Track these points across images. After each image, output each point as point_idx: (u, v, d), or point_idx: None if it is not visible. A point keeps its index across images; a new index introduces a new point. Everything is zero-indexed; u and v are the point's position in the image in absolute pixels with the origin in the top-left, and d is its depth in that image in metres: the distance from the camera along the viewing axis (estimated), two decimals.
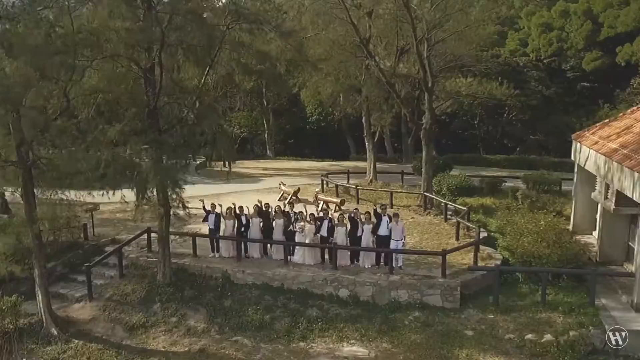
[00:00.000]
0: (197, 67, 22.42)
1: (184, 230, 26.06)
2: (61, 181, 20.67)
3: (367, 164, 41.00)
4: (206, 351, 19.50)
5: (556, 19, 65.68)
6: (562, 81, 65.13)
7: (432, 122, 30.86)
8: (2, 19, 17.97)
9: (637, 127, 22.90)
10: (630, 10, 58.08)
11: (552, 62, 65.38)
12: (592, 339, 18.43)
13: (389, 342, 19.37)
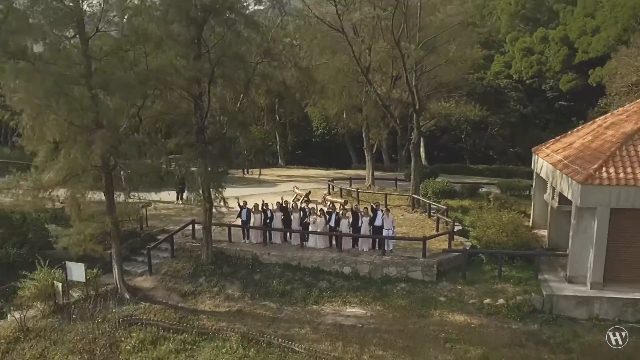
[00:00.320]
0: (234, 94, 27.93)
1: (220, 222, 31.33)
2: (130, 183, 26.32)
3: (366, 172, 46.31)
4: (242, 311, 24.69)
5: (536, 44, 70.87)
6: (542, 100, 70.31)
7: (419, 137, 36.32)
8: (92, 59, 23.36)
9: (577, 142, 28.24)
10: (600, 37, 63.14)
11: (533, 82, 70.54)
12: (533, 302, 23.75)
13: (381, 305, 24.60)
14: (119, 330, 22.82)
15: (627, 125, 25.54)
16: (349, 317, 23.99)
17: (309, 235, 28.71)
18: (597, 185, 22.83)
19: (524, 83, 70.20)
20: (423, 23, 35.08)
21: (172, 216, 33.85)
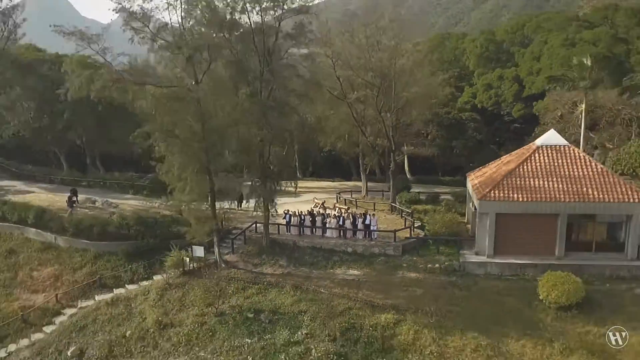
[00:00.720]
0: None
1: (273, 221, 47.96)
2: (224, 198, 43.13)
3: (362, 185, 63.11)
4: (289, 273, 41.22)
5: (495, 81, 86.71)
6: (500, 123, 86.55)
7: (395, 166, 53.31)
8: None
9: (487, 173, 44.92)
10: (540, 78, 79.27)
11: (493, 109, 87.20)
12: (454, 266, 40.27)
13: (369, 268, 41.20)
14: (222, 282, 39.77)
15: (511, 165, 42.21)
16: (351, 275, 40.56)
17: (326, 230, 45.42)
18: (488, 200, 39.58)
19: (486, 110, 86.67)
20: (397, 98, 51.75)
21: (237, 218, 50.48)
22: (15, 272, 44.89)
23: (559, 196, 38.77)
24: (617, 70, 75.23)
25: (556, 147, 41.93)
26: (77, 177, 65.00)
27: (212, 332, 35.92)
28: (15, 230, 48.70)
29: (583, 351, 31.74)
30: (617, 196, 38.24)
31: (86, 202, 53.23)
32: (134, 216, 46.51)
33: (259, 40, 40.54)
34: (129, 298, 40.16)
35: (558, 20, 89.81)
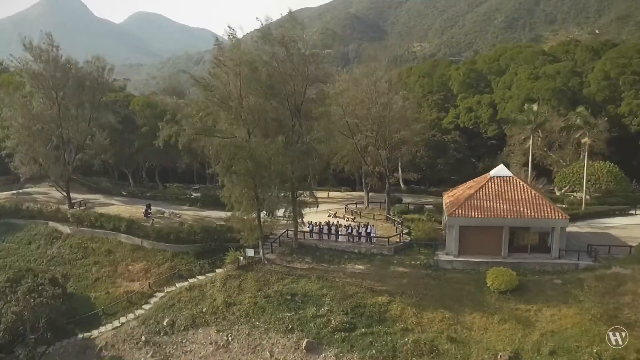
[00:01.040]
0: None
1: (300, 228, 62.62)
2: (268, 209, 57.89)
3: (365, 197, 77.83)
4: (313, 268, 55.82)
5: (474, 105, 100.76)
6: (479, 139, 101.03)
7: (389, 186, 68.13)
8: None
9: (456, 194, 59.63)
10: (510, 104, 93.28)
11: (473, 129, 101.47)
12: (430, 262, 54.84)
13: (370, 264, 55.90)
14: (267, 274, 54.61)
15: (471, 190, 56.84)
16: (357, 269, 55.23)
17: (338, 236, 60.19)
18: (454, 217, 54.29)
19: (467, 129, 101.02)
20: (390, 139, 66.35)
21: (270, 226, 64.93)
22: (115, 267, 59.91)
23: (504, 214, 53.38)
24: (572, 99, 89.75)
25: (503, 177, 56.56)
26: (143, 191, 79.86)
27: (262, 308, 50.80)
28: (110, 236, 63.58)
29: (513, 321, 46.39)
30: (544, 214, 52.89)
31: (157, 213, 68.12)
32: (199, 225, 61.52)
33: (291, 103, 55.26)
34: (201, 285, 55.02)
35: (527, 53, 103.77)
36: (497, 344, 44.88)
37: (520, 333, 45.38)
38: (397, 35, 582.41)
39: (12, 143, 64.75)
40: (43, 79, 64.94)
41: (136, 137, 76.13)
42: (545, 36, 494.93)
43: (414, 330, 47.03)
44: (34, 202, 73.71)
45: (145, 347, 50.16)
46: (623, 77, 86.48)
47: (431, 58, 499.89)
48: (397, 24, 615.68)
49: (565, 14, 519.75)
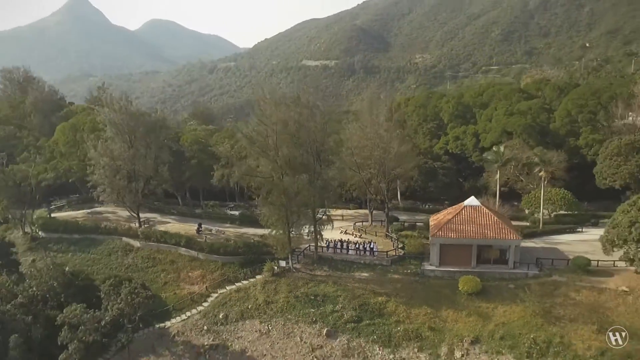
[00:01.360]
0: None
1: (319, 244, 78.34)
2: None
3: (369, 216, 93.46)
4: (330, 275, 71.50)
5: (461, 134, 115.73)
6: (466, 162, 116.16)
7: (388, 210, 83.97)
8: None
9: (439, 218, 75.37)
10: (490, 136, 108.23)
11: (460, 154, 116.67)
12: (418, 271, 70.71)
13: (372, 272, 71.50)
14: (295, 280, 70.51)
15: (449, 216, 72.42)
16: (363, 276, 70.88)
17: (349, 250, 76.00)
18: (436, 237, 70.03)
19: (455, 154, 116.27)
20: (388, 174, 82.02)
21: (297, 241, 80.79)
22: (178, 274, 75.94)
23: (473, 235, 69.01)
24: (541, 132, 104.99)
25: (473, 206, 72.16)
26: (190, 210, 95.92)
27: (293, 305, 66.64)
28: (172, 249, 79.54)
29: (476, 315, 62.03)
30: (503, 235, 68.49)
31: (205, 230, 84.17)
32: (241, 241, 77.56)
33: (312, 150, 71.20)
34: (246, 288, 70.88)
35: (506, 90, 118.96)
36: (463, 332, 60.69)
37: (480, 324, 61.16)
38: (400, 47, 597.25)
39: (97, 177, 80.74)
40: (121, 127, 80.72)
41: (187, 168, 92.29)
42: (539, 48, 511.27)
43: (404, 322, 62.90)
44: (106, 220, 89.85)
45: (207, 334, 66.11)
46: (581, 115, 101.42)
47: (432, 69, 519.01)
48: (400, 35, 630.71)
49: (558, 27, 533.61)
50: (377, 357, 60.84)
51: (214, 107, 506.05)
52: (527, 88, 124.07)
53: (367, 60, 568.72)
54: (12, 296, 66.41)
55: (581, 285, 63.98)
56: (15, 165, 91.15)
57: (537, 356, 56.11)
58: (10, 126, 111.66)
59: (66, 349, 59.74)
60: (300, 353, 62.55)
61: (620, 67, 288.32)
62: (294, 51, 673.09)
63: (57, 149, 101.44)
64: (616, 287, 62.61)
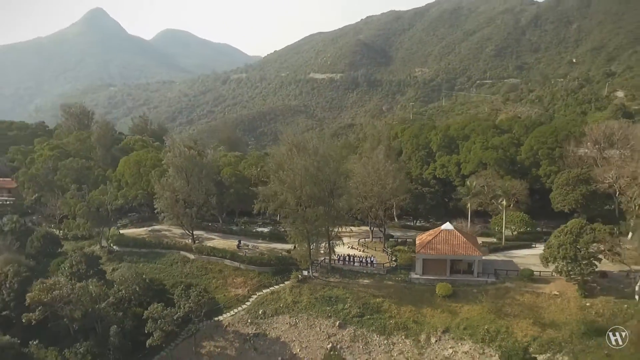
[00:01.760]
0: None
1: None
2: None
3: (370, 234, 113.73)
4: (341, 281, 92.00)
5: (446, 163, 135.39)
6: (450, 186, 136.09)
7: (385, 229, 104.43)
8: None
9: (424, 237, 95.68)
10: (469, 166, 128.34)
11: (445, 179, 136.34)
12: (406, 279, 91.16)
13: (372, 280, 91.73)
14: (314, 285, 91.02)
15: (430, 237, 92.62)
16: (365, 283, 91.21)
17: (354, 262, 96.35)
18: (420, 253, 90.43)
19: (441, 179, 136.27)
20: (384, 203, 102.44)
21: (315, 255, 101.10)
22: (225, 280, 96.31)
23: (447, 252, 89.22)
24: (510, 163, 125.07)
25: (448, 230, 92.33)
26: (229, 228, 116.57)
27: (314, 304, 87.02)
28: (220, 261, 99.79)
29: (447, 312, 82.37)
30: (469, 252, 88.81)
31: (244, 245, 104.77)
32: (272, 255, 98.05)
33: (327, 188, 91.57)
34: (277, 291, 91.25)
35: (484, 126, 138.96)
36: (438, 324, 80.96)
37: (450, 318, 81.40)
38: (401, 61, 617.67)
39: (161, 205, 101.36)
40: (180, 168, 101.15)
41: (227, 195, 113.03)
42: (530, 63, 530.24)
43: (395, 317, 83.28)
44: (165, 237, 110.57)
45: (250, 325, 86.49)
46: (541, 150, 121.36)
47: (430, 83, 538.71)
48: (401, 49, 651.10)
49: (548, 43, 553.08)
50: (375, 342, 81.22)
51: (229, 119, 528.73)
52: (501, 124, 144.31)
53: (370, 74, 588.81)
54: (106, 297, 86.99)
55: (525, 290, 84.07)
56: (93, 192, 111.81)
57: (489, 341, 76.32)
58: (82, 159, 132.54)
59: (151, 336, 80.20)
60: (320, 339, 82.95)
61: (597, 88, 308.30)
62: (302, 64, 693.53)
63: (124, 179, 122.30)
64: (550, 292, 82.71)
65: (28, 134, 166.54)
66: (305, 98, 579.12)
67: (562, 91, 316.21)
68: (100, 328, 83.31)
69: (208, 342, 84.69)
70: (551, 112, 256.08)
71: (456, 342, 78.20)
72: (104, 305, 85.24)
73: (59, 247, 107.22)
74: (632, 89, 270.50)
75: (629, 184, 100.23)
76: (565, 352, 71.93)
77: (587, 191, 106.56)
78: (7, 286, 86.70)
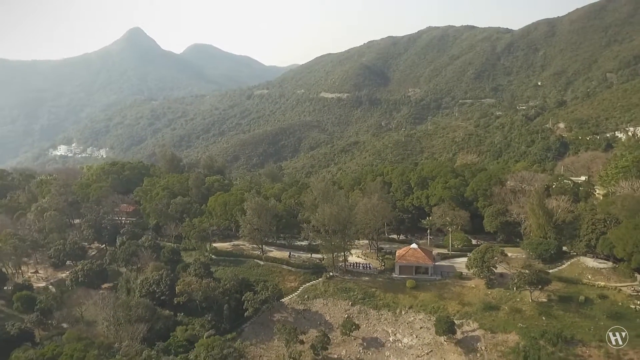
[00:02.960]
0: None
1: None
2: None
3: (369, 246, 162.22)
4: (351, 279, 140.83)
5: (419, 195, 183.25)
6: (422, 212, 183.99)
7: (378, 245, 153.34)
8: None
9: (401, 251, 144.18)
10: (434, 198, 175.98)
11: (419, 206, 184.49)
12: (390, 277, 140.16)
13: (370, 278, 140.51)
14: (336, 281, 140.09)
15: (404, 252, 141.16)
16: (365, 280, 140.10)
17: (359, 266, 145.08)
18: (397, 262, 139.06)
19: (416, 206, 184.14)
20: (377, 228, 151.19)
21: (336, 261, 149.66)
22: (283, 277, 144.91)
23: (413, 261, 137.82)
24: (461, 197, 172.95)
25: (414, 248, 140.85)
26: (280, 242, 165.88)
27: (336, 292, 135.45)
28: (279, 266, 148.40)
29: (411, 297, 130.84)
30: (425, 262, 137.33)
31: (292, 256, 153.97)
32: (311, 262, 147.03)
33: (342, 222, 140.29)
34: (315, 284, 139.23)
35: (445, 170, 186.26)
36: (406, 303, 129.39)
37: (413, 300, 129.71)
38: (397, 82, 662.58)
39: (243, 231, 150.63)
40: (256, 211, 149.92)
41: (280, 223, 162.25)
42: (503, 85, 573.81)
43: (382, 299, 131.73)
44: (243, 249, 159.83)
45: (300, 304, 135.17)
46: (479, 190, 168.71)
47: (421, 102, 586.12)
48: (397, 71, 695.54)
49: (519, 67, 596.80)
50: (371, 314, 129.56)
51: (257, 134, 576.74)
52: (457, 169, 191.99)
53: (372, 93, 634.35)
54: (217, 288, 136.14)
55: (456, 284, 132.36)
56: (195, 220, 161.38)
57: (433, 313, 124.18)
58: (185, 197, 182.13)
59: (246, 310, 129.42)
60: (340, 312, 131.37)
61: (549, 116, 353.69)
62: (314, 83, 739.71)
63: (215, 212, 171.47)
64: (469, 285, 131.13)
65: (135, 173, 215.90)
66: (318, 114, 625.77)
67: (521, 118, 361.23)
68: (216, 306, 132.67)
69: (277, 313, 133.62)
70: (488, 160, 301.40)
71: (416, 313, 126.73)
72: (217, 292, 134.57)
73: (179, 256, 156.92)
74: (570, 121, 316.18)
75: (526, 217, 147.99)
76: (473, 319, 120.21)
77: (503, 220, 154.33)
78: (163, 282, 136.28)
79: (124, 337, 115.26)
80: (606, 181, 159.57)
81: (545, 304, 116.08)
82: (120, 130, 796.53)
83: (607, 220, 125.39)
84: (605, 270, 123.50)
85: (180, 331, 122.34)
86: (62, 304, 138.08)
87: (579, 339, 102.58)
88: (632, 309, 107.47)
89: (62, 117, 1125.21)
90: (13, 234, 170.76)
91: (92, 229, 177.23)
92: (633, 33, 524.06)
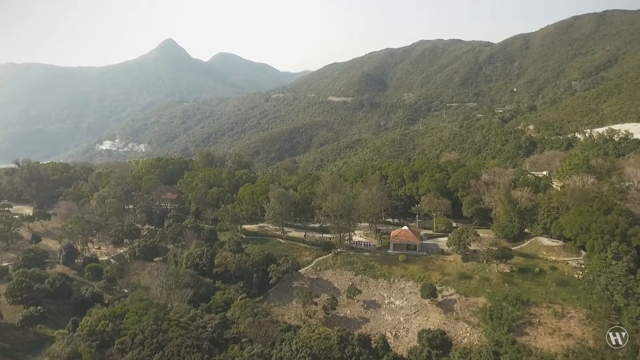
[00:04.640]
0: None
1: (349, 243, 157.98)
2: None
3: (369, 227, 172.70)
4: (355, 254, 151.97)
5: (411, 186, 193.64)
6: (411, 199, 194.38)
7: (376, 227, 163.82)
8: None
9: (395, 232, 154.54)
10: (422, 189, 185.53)
11: (411, 195, 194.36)
12: (385, 253, 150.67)
13: (370, 254, 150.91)
14: (343, 256, 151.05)
15: (397, 232, 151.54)
16: (366, 255, 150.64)
17: (361, 244, 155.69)
18: (391, 241, 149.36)
19: (409, 195, 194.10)
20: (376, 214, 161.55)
21: (342, 239, 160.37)
22: (300, 253, 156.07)
23: (404, 240, 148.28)
24: (445, 188, 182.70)
25: (405, 229, 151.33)
26: (297, 224, 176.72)
27: (343, 265, 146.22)
28: (296, 243, 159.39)
29: (403, 269, 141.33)
30: (414, 240, 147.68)
31: (307, 235, 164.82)
32: (322, 240, 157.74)
33: (347, 211, 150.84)
34: (326, 258, 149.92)
35: (432, 166, 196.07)
36: (398, 273, 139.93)
37: (404, 271, 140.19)
38: (394, 88, 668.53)
39: (268, 215, 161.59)
40: (279, 199, 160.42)
41: (297, 209, 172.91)
42: (484, 91, 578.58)
43: (380, 270, 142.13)
44: (267, 230, 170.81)
45: (314, 274, 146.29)
46: (459, 183, 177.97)
47: (414, 105, 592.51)
48: (394, 79, 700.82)
49: (498, 75, 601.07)
50: (371, 282, 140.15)
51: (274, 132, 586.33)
52: (442, 165, 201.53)
53: (372, 97, 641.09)
54: (247, 261, 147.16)
55: (439, 258, 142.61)
56: (229, 206, 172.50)
57: (419, 281, 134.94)
58: (219, 188, 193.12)
59: (271, 279, 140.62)
60: (346, 280, 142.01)
61: (521, 119, 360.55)
62: (323, 88, 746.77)
63: (244, 199, 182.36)
64: (449, 259, 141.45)
65: (177, 167, 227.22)
66: (326, 115, 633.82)
67: (498, 121, 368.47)
68: (246, 275, 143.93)
69: (295, 281, 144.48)
70: (468, 157, 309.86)
71: (406, 281, 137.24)
72: (247, 264, 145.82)
73: (215, 235, 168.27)
74: (539, 124, 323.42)
75: (495, 205, 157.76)
76: (451, 286, 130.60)
77: (478, 207, 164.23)
78: (204, 256, 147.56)
79: (175, 299, 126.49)
80: (562, 176, 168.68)
81: (508, 274, 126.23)
82: (156, 128, 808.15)
83: (560, 207, 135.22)
84: (557, 248, 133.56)
85: (219, 295, 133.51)
86: (123, 273, 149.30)
87: (533, 301, 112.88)
88: (575, 278, 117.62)
89: (106, 116, 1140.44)
90: (80, 217, 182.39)
91: (144, 214, 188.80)
92: (595, 47, 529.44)
